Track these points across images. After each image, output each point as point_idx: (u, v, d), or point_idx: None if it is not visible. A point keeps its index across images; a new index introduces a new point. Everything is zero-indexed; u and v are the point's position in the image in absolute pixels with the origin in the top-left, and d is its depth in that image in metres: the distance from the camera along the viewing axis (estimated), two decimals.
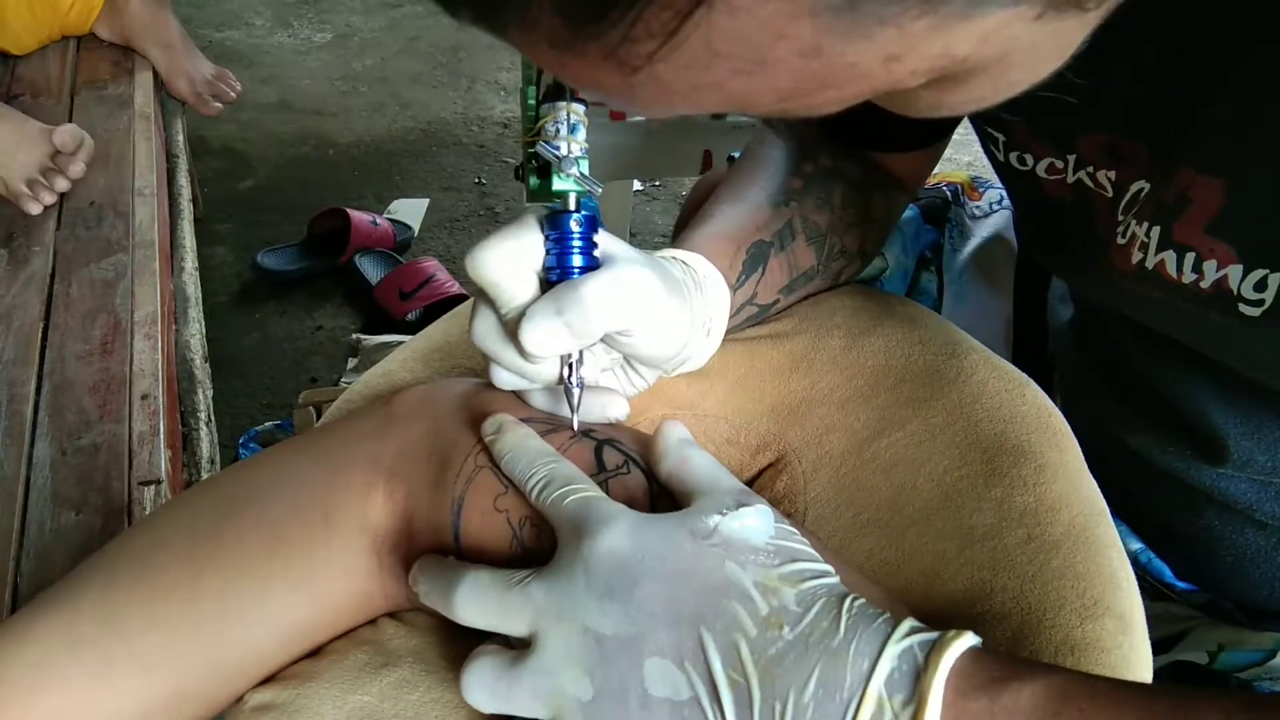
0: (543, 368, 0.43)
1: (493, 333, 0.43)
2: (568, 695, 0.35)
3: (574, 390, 0.43)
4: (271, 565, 0.42)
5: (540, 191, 0.43)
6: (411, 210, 2.00)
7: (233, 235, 1.91)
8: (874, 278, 0.73)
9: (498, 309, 0.43)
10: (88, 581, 0.42)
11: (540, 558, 0.39)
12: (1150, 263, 0.46)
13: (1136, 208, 0.47)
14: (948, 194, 0.79)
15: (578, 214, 0.42)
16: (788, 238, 0.56)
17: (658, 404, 0.52)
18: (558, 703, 0.35)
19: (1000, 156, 0.55)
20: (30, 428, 0.81)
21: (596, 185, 0.43)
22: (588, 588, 0.35)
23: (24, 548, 0.71)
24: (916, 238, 0.77)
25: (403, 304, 1.67)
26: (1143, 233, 0.46)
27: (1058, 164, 0.51)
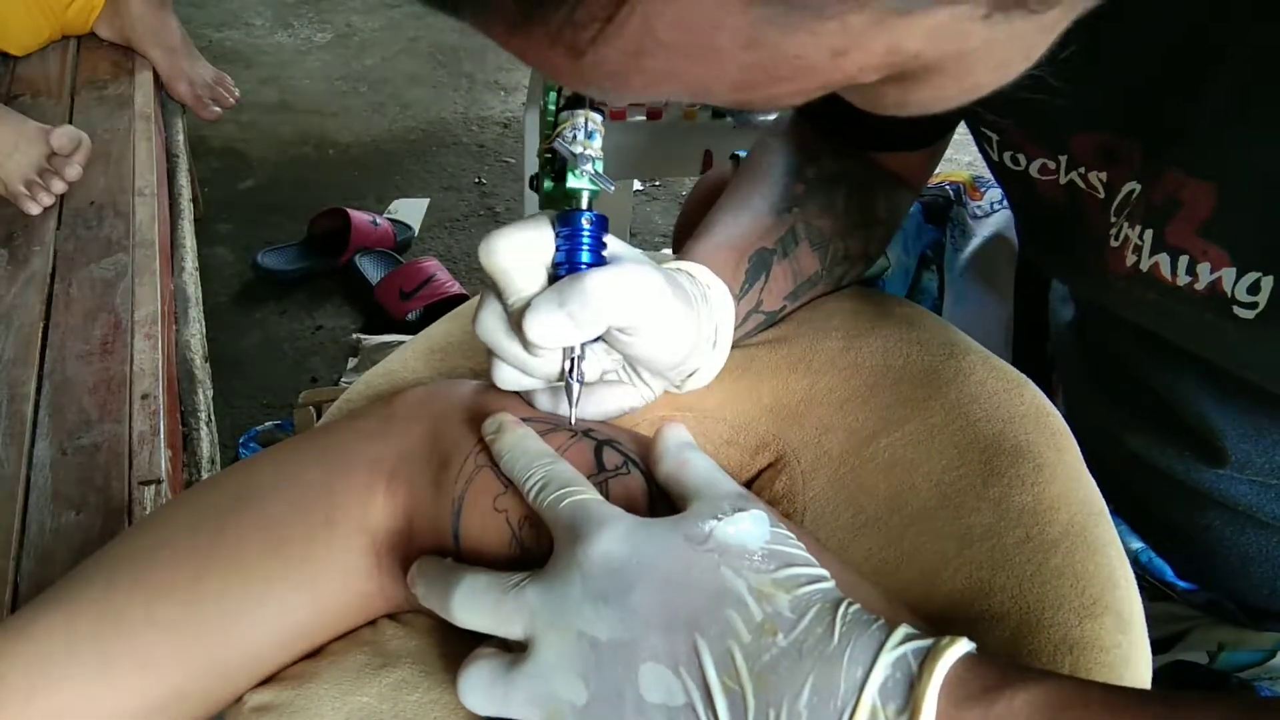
0: (544, 362, 0.43)
1: (497, 325, 0.43)
2: (562, 700, 0.35)
3: (574, 385, 0.44)
4: (272, 565, 0.42)
5: (554, 194, 0.44)
6: (412, 210, 2.00)
7: (233, 235, 1.91)
8: (876, 277, 0.73)
9: (504, 300, 0.43)
10: (88, 581, 0.42)
11: (539, 558, 0.39)
12: (1145, 265, 0.46)
13: (1128, 209, 0.47)
14: (950, 193, 0.79)
15: (589, 214, 0.43)
16: (790, 244, 0.56)
17: (658, 405, 0.52)
18: (553, 707, 0.35)
19: (994, 156, 0.55)
20: (30, 427, 0.81)
21: (610, 184, 0.44)
22: (583, 592, 0.35)
23: (24, 547, 0.71)
24: (918, 236, 0.77)
25: (403, 304, 1.67)
26: (1135, 235, 0.46)
27: (1050, 164, 0.51)
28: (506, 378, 0.45)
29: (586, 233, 0.42)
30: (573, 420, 0.45)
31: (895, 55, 0.26)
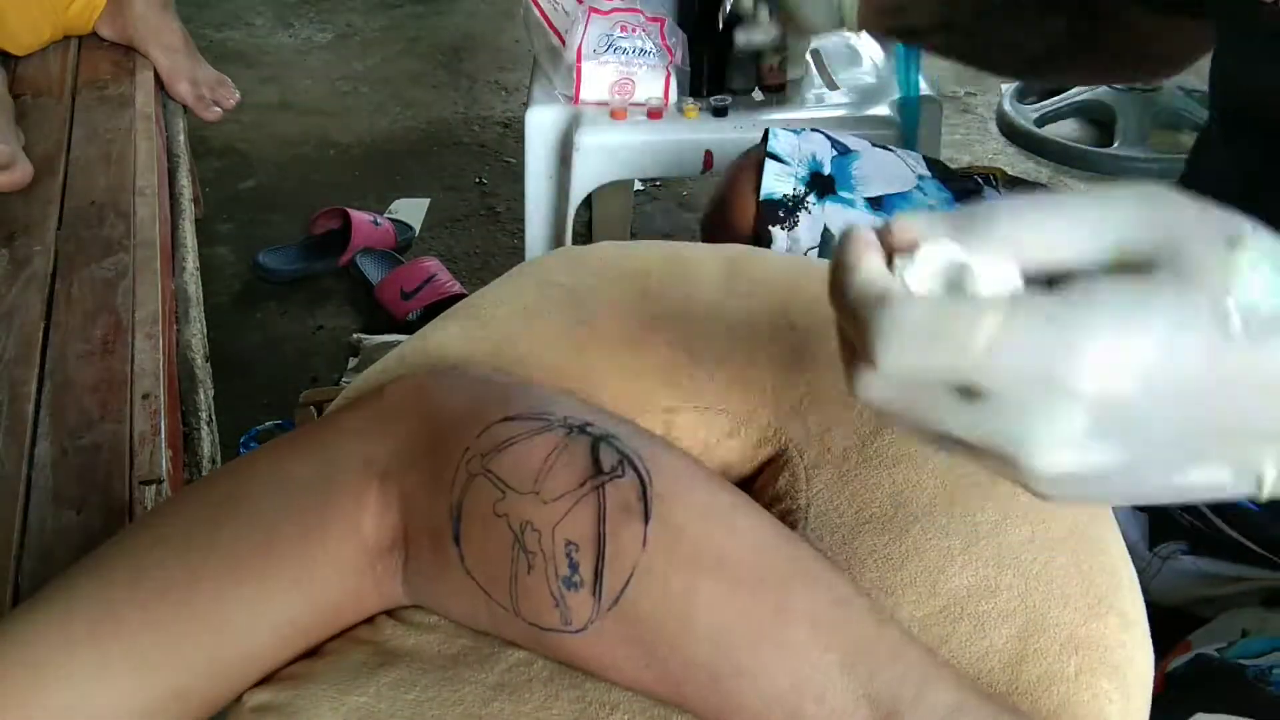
0: None
1: None
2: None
3: None
4: (267, 565, 0.42)
5: None
6: (412, 210, 2.00)
7: (234, 235, 1.91)
8: None
9: None
10: (84, 581, 0.42)
11: (540, 562, 0.39)
12: None
13: None
14: (980, 181, 0.80)
15: None
16: None
17: (657, 398, 0.51)
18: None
19: None
20: (31, 427, 0.81)
21: None
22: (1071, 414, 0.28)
23: (24, 547, 0.71)
24: None
25: (404, 304, 1.67)
26: None
27: None
28: None
29: None
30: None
31: None
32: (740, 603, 0.39)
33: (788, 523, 0.46)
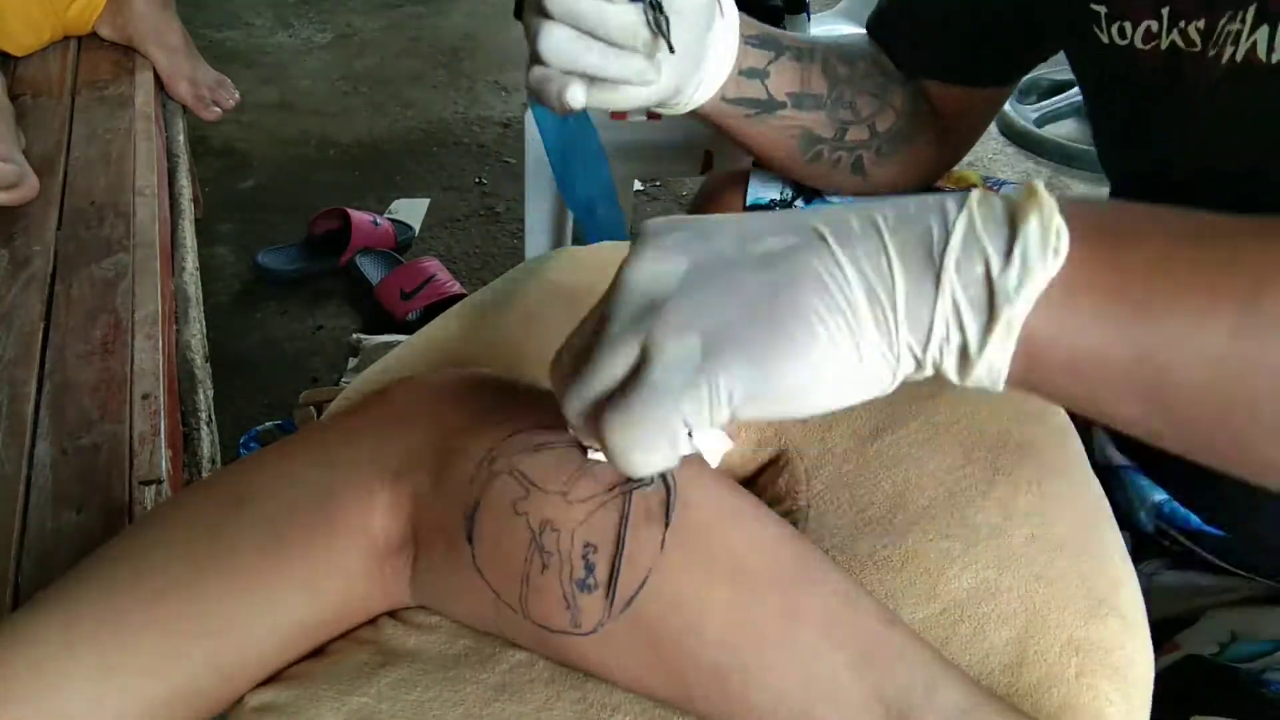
0: (623, 19, 0.45)
1: (572, 42, 0.45)
2: (665, 273, 0.34)
3: (660, 21, 0.45)
4: (272, 566, 0.42)
5: None
6: (412, 210, 2.00)
7: (233, 235, 1.91)
8: None
9: (578, 22, 0.44)
10: (87, 582, 0.42)
11: (556, 563, 0.39)
12: (1240, 53, 0.46)
13: (1229, 33, 0.47)
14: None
15: None
16: (804, 57, 0.58)
17: None
18: (644, 322, 0.33)
19: (1103, 37, 0.55)
20: (31, 427, 0.81)
21: None
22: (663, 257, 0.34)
23: (24, 547, 0.71)
24: None
25: (403, 304, 1.67)
26: (1236, 22, 0.46)
27: (1153, 27, 0.51)
28: (577, 96, 0.48)
29: None
30: (671, 49, 0.46)
31: None
32: (750, 605, 0.39)
33: (789, 524, 0.46)
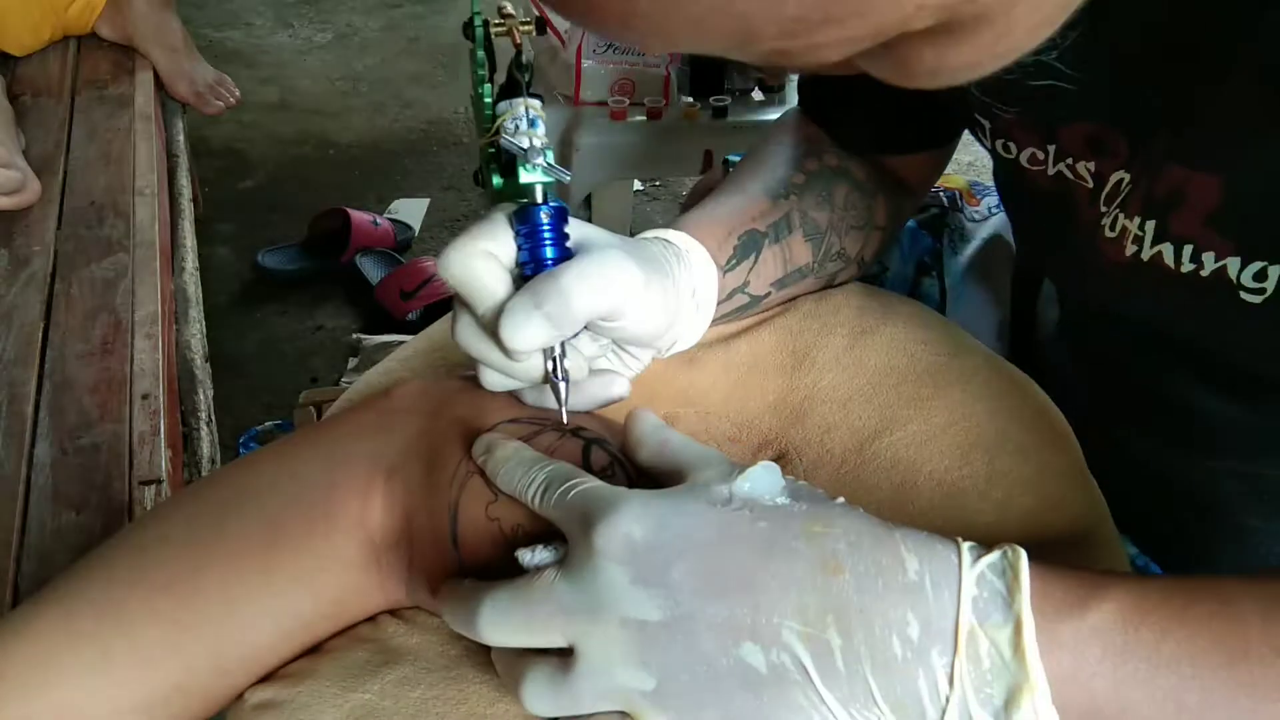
0: (529, 365, 0.43)
1: (474, 333, 0.43)
2: (630, 689, 0.34)
3: (560, 385, 0.43)
4: (271, 560, 0.42)
5: (505, 189, 0.43)
6: (412, 210, 2.00)
7: (233, 235, 1.91)
8: (872, 280, 0.73)
9: (475, 310, 0.42)
10: (88, 577, 0.42)
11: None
12: (1146, 254, 0.45)
13: (1120, 199, 0.46)
14: (944, 200, 0.79)
15: (547, 206, 0.41)
16: (784, 230, 0.56)
17: (660, 403, 0.52)
18: (624, 697, 0.34)
19: (987, 144, 0.54)
20: (31, 427, 0.81)
21: (565, 174, 0.42)
22: (616, 579, 0.34)
23: (24, 547, 0.71)
24: (913, 243, 0.77)
25: (403, 304, 1.67)
26: (1135, 226, 0.45)
27: (1039, 154, 0.51)
28: (493, 381, 0.45)
29: (547, 227, 0.41)
30: (564, 419, 0.44)
31: None
32: None
33: None
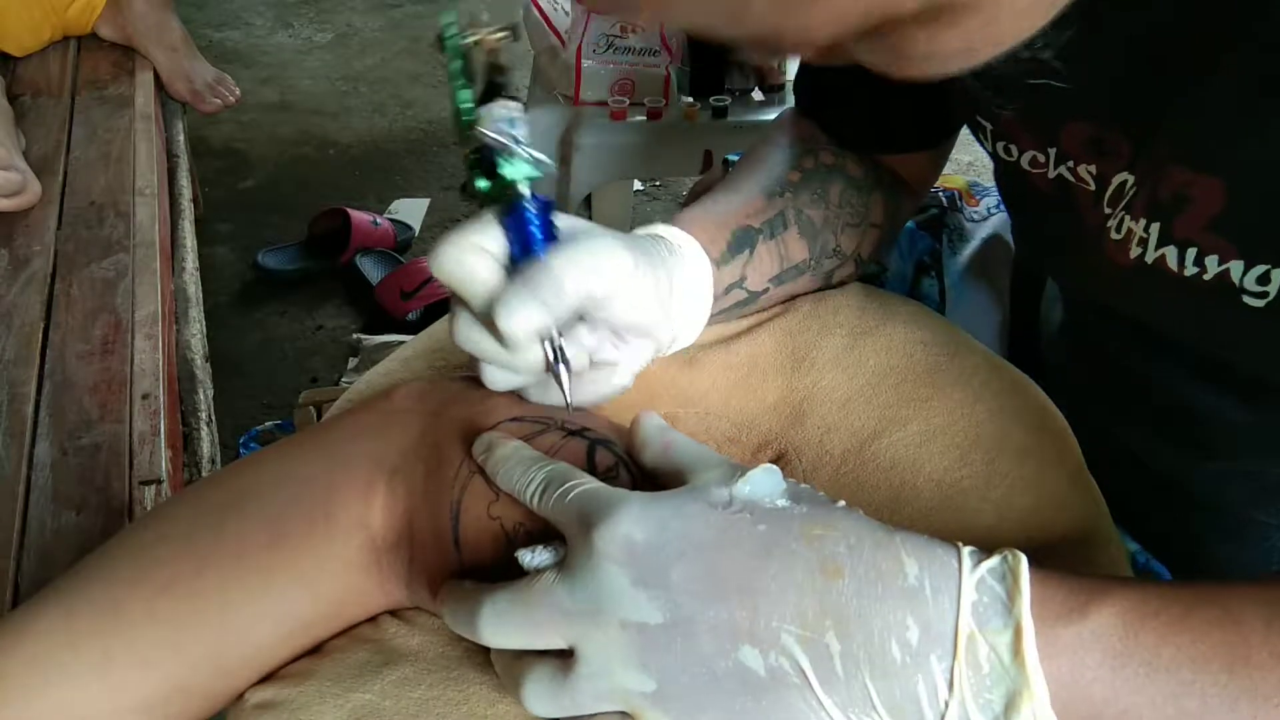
0: (528, 356, 0.43)
1: (472, 330, 0.43)
2: (631, 691, 0.34)
3: (562, 372, 0.43)
4: (272, 561, 0.42)
5: (491, 192, 0.43)
6: (412, 210, 2.00)
7: (233, 235, 1.91)
8: (870, 280, 0.73)
9: (471, 307, 0.42)
10: (88, 578, 0.42)
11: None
12: (1150, 258, 0.45)
13: (1124, 202, 0.46)
14: (943, 200, 0.79)
15: (532, 199, 0.42)
16: (779, 227, 0.56)
17: (660, 403, 0.52)
18: (624, 698, 0.34)
19: (989, 146, 0.54)
20: (31, 427, 0.81)
21: (546, 160, 0.43)
22: (617, 581, 0.34)
23: (24, 547, 0.71)
24: (912, 244, 0.77)
25: (403, 304, 1.67)
26: (1140, 229, 0.45)
27: (1040, 157, 0.51)
28: (495, 379, 0.45)
29: (535, 215, 0.42)
30: (569, 407, 0.44)
31: None
32: None
33: None
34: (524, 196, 0.42)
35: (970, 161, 2.08)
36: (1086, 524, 0.47)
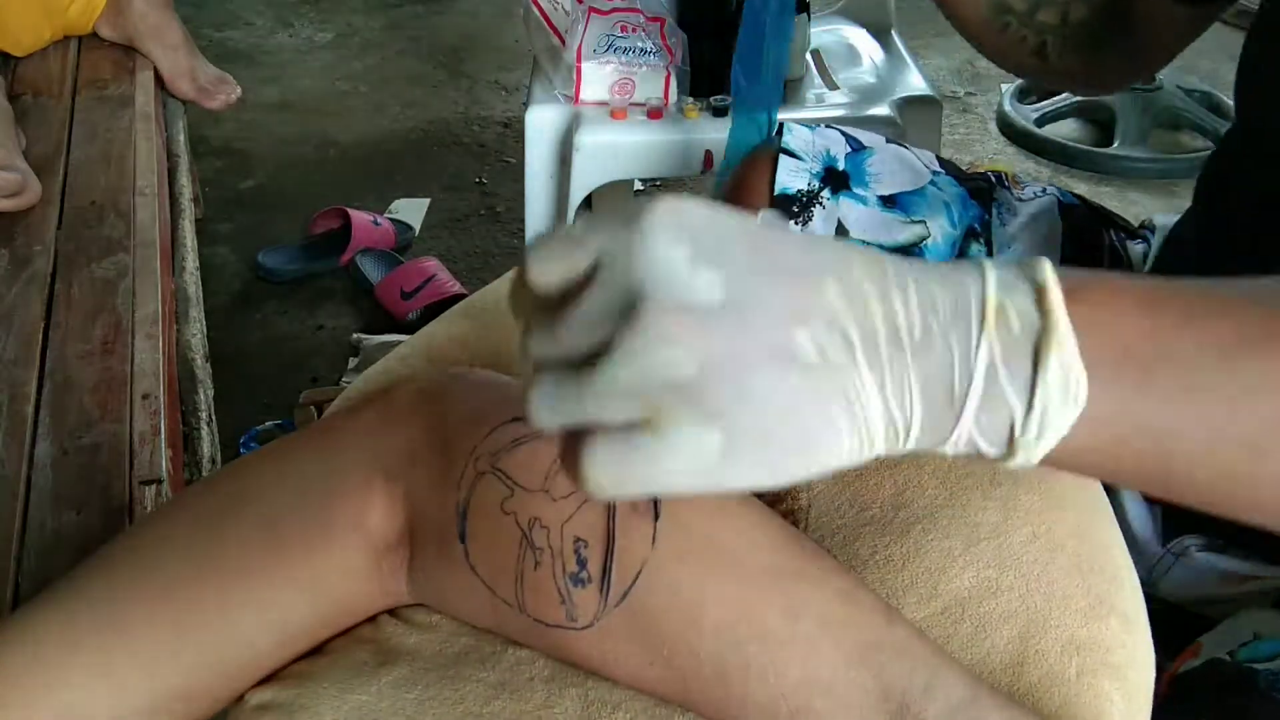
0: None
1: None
2: (663, 379, 0.30)
3: None
4: (272, 564, 0.42)
5: None
6: (412, 210, 2.00)
7: (233, 235, 1.91)
8: (913, 245, 0.74)
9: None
10: (88, 580, 0.42)
11: (548, 558, 0.39)
12: None
13: None
14: (992, 179, 0.80)
15: None
16: None
17: None
18: (654, 388, 0.30)
19: None
20: (31, 427, 0.81)
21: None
22: (675, 257, 0.30)
23: (25, 547, 0.71)
24: (964, 212, 0.78)
25: (404, 304, 1.67)
26: None
27: None
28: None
29: None
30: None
31: None
32: (748, 599, 0.39)
33: (789, 523, 0.46)
34: None
35: (971, 161, 2.09)
36: (1090, 522, 0.47)
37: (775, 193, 0.74)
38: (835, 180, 0.75)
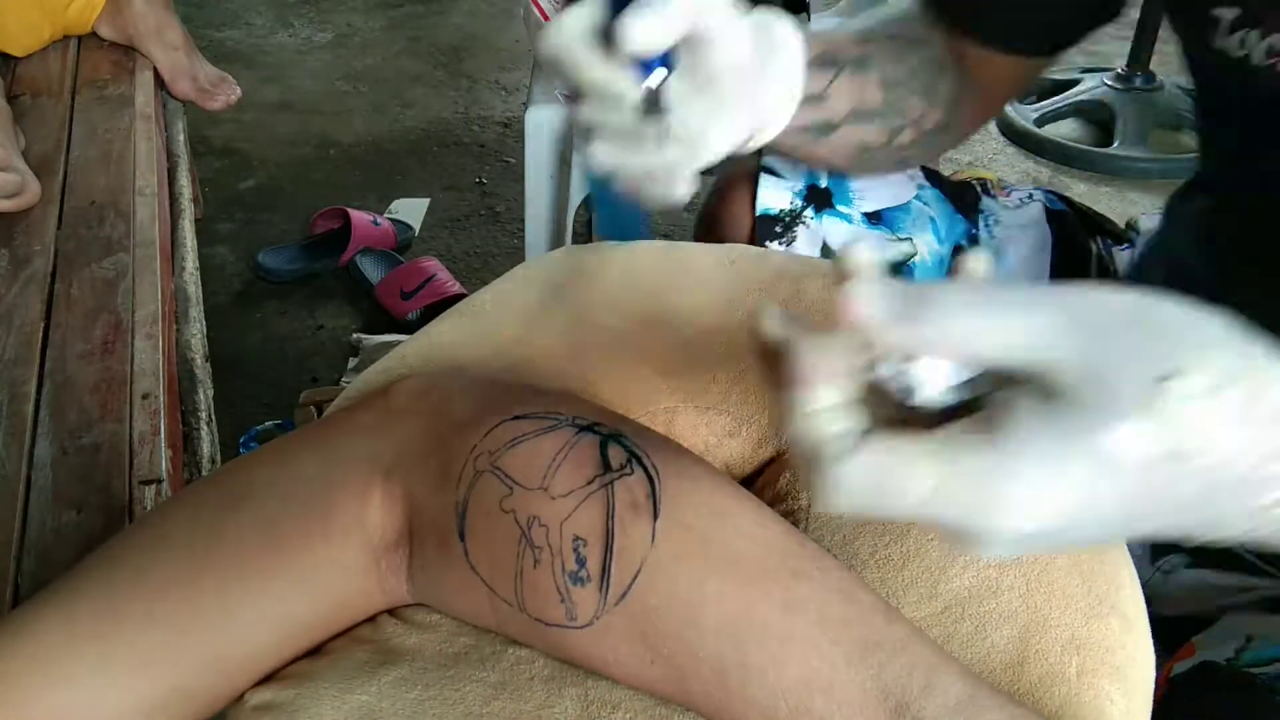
0: (623, 90, 0.46)
1: (582, 34, 0.45)
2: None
3: (663, 114, 0.46)
4: (271, 563, 0.42)
5: None
6: (412, 210, 2.00)
7: (234, 235, 1.91)
8: (901, 264, 0.73)
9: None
10: (87, 579, 0.42)
11: (547, 557, 0.39)
12: None
13: None
14: (977, 187, 0.79)
15: None
16: (862, 69, 0.58)
17: (658, 397, 0.51)
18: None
19: (1215, 42, 0.52)
20: (31, 427, 0.81)
21: None
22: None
23: (24, 547, 0.71)
24: (950, 227, 0.77)
25: (404, 304, 1.67)
26: None
27: (1278, 45, 0.49)
28: (599, 151, 0.50)
29: None
30: (670, 132, 0.47)
31: None
32: (747, 598, 0.39)
33: (789, 523, 0.46)
34: None
35: (970, 161, 2.08)
36: None
37: (757, 214, 0.73)
38: (818, 198, 0.73)
